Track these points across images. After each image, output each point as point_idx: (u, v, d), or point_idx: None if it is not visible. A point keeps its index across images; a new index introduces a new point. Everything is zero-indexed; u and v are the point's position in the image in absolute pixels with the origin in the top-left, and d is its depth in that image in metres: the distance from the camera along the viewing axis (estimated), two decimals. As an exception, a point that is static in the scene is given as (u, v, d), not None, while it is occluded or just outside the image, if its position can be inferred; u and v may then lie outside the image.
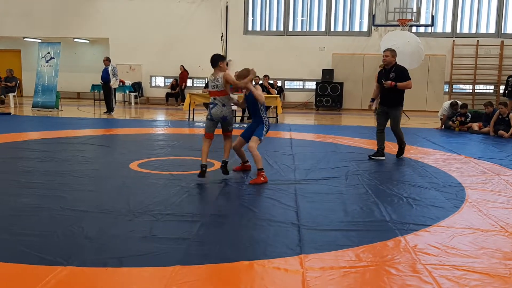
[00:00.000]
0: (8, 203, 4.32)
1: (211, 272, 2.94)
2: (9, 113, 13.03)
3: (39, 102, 14.43)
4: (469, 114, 11.11)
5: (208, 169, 5.95)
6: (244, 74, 5.44)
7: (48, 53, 14.74)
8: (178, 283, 2.75)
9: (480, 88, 17.84)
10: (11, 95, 15.36)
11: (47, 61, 14.73)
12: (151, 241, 3.43)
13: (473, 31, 17.60)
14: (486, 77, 17.46)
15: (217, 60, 5.36)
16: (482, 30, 17.60)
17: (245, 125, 11.52)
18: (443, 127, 11.52)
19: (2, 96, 15.71)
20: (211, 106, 5.38)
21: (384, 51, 7.01)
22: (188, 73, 18.43)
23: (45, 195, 4.60)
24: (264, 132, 5.51)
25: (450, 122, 11.29)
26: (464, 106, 11.24)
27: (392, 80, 6.79)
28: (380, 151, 7.04)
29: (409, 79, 6.85)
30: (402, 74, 6.82)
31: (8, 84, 15.52)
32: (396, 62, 6.91)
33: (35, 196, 4.56)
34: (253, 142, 5.44)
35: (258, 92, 5.42)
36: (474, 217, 4.18)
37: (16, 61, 21.03)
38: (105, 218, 3.91)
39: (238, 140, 5.75)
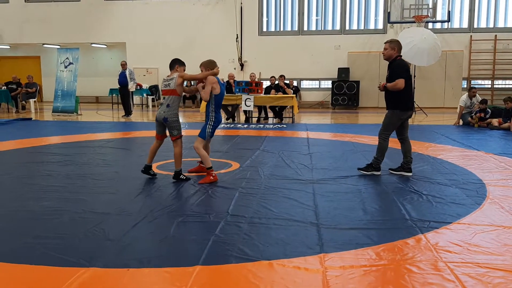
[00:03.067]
0: (30, 206, 4.40)
1: (232, 272, 2.95)
2: (30, 119, 13.26)
3: (59, 107, 14.66)
4: (489, 110, 10.94)
5: (225, 170, 5.99)
6: (207, 64, 5.47)
7: (67, 58, 14.97)
8: (199, 283, 2.77)
9: (499, 84, 17.56)
10: (31, 100, 15.64)
11: (66, 67, 14.95)
12: (172, 242, 3.46)
13: (491, 25, 17.33)
14: (505, 72, 17.17)
15: (175, 63, 5.51)
16: (500, 24, 17.32)
17: (262, 125, 11.54)
18: (461, 123, 11.35)
19: (23, 102, 16.00)
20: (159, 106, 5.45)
21: (384, 43, 5.91)
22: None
23: (66, 198, 4.68)
24: (207, 131, 5.45)
25: (469, 118, 11.14)
26: (484, 101, 11.06)
27: (387, 79, 5.74)
28: (405, 166, 5.80)
29: (401, 77, 5.56)
30: (394, 71, 5.65)
31: (29, 90, 15.79)
32: (397, 56, 5.75)
33: (57, 199, 4.64)
34: (197, 142, 5.41)
35: (205, 91, 5.42)
36: (496, 213, 4.12)
37: (36, 67, 21.41)
38: (126, 220, 3.96)
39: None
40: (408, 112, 5.71)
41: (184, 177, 5.38)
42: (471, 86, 11.65)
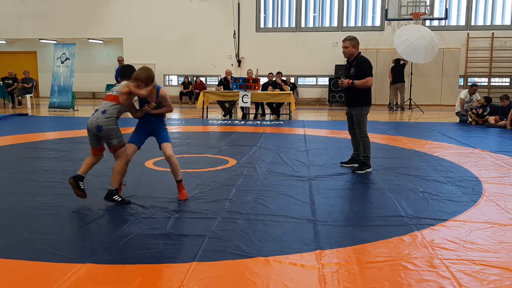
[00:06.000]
0: (27, 202, 4.39)
1: (228, 269, 2.95)
2: (26, 114, 13.21)
3: (55, 103, 14.62)
4: (488, 108, 10.97)
5: (222, 166, 5.99)
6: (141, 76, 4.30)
7: (64, 54, 14.92)
8: (195, 279, 2.77)
9: (496, 81, 17.60)
10: (28, 96, 15.58)
11: (62, 62, 14.91)
12: (168, 238, 3.45)
13: (488, 23, 17.35)
14: (502, 69, 17.21)
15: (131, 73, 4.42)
16: (497, 22, 17.34)
17: (259, 122, 11.54)
18: (458, 120, 11.39)
19: (19, 97, 15.94)
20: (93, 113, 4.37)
21: (343, 41, 5.81)
22: (204, 84, 18.51)
23: (63, 194, 4.67)
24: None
25: (469, 112, 11.16)
26: (488, 100, 11.04)
27: (351, 77, 5.74)
28: (355, 157, 6.10)
29: (369, 75, 5.68)
30: (361, 69, 5.69)
31: (25, 85, 15.74)
32: (359, 54, 5.80)
33: (53, 195, 4.63)
34: (169, 148, 4.49)
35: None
36: (491, 211, 4.14)
37: (32, 63, 21.32)
38: (123, 216, 3.95)
39: (130, 147, 4.54)
40: (370, 106, 5.96)
41: (119, 199, 4.27)
42: (473, 83, 11.70)
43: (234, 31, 18.18)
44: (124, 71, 4.56)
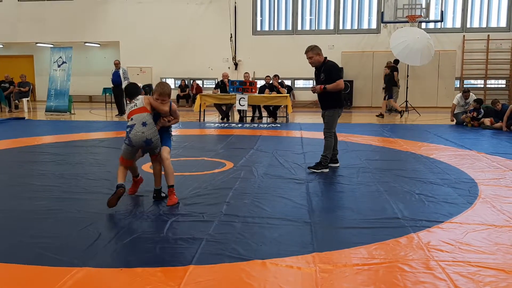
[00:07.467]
0: (24, 206, 4.39)
1: (225, 272, 2.96)
2: (23, 118, 13.19)
3: (52, 106, 14.60)
4: (482, 111, 11.01)
5: (219, 169, 5.99)
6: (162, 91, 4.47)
7: (60, 57, 14.91)
8: (192, 283, 2.78)
9: (492, 83, 17.68)
10: (24, 100, 15.56)
11: (59, 66, 14.90)
12: (165, 242, 3.46)
13: (484, 25, 17.44)
14: (498, 71, 17.30)
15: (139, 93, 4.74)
16: (493, 24, 17.43)
17: (256, 125, 11.55)
18: (455, 122, 11.43)
19: (16, 101, 15.92)
20: (128, 130, 4.43)
21: (305, 53, 5.97)
22: (201, 88, 18.57)
23: (60, 197, 4.67)
24: (172, 142, 4.74)
25: (463, 116, 11.21)
26: (479, 101, 11.11)
27: (322, 82, 5.91)
28: (333, 158, 6.19)
29: (339, 78, 5.85)
30: (330, 74, 5.86)
31: (22, 89, 15.71)
32: (324, 60, 5.97)
33: (50, 199, 4.63)
34: (167, 152, 4.54)
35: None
36: (487, 213, 4.15)
37: (29, 66, 21.30)
38: (120, 220, 3.96)
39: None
40: (343, 108, 6.18)
41: (164, 195, 4.63)
42: (466, 89, 11.78)
43: (231, 34, 18.22)
44: (134, 89, 4.83)
